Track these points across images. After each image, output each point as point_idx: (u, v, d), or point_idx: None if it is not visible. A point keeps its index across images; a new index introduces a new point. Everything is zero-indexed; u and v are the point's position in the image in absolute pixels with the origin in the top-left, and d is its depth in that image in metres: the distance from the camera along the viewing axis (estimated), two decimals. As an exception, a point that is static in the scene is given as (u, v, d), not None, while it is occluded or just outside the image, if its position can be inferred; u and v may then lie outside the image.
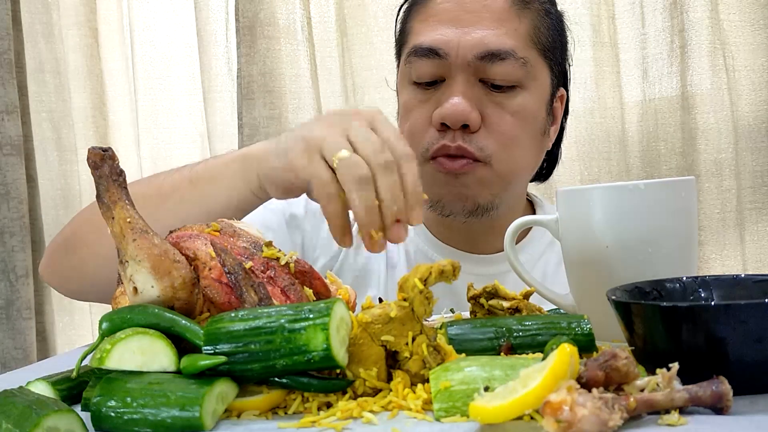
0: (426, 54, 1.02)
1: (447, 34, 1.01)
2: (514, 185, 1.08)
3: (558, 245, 0.78)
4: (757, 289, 0.63)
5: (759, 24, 1.73)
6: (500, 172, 1.03)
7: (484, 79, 1.02)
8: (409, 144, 1.06)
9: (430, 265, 0.58)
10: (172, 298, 0.60)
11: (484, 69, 1.01)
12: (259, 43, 1.75)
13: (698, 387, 0.48)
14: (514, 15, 1.03)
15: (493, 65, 1.01)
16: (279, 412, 0.55)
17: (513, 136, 1.03)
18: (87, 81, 1.89)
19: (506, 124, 1.02)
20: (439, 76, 1.03)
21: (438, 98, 1.03)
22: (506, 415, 0.46)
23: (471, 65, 1.01)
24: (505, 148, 1.03)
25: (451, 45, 1.01)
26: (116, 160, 0.61)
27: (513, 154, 1.04)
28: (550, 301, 0.78)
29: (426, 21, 1.04)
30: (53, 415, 0.48)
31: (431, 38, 1.02)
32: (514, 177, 1.07)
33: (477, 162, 1.02)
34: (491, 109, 1.02)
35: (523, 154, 1.06)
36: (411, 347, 0.57)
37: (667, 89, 1.75)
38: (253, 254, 0.65)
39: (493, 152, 1.02)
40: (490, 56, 1.00)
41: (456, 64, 1.01)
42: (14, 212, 1.70)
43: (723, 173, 1.73)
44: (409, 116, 1.06)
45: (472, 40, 1.00)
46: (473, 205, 1.05)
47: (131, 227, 0.60)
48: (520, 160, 1.06)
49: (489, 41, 1.00)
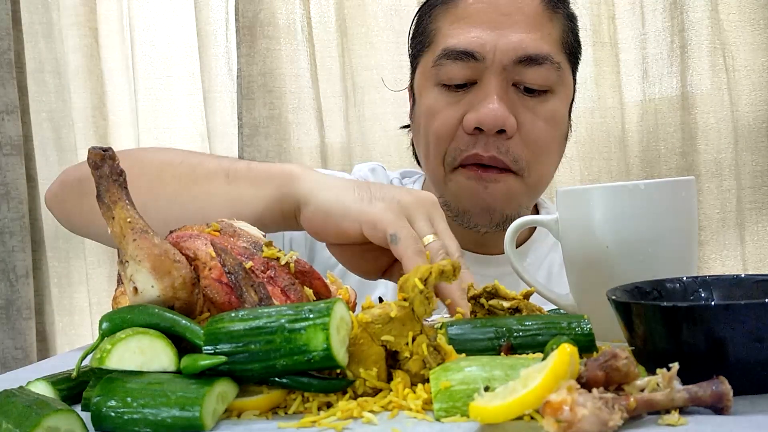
0: (460, 56, 1.00)
1: (483, 36, 0.99)
2: (538, 194, 1.08)
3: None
4: (757, 289, 0.63)
5: (759, 24, 1.73)
6: (531, 183, 1.02)
7: (516, 83, 1.00)
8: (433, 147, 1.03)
9: (430, 265, 0.58)
10: (172, 298, 0.60)
11: (519, 73, 0.99)
12: (259, 43, 1.75)
13: (698, 387, 0.48)
14: (547, 19, 1.02)
15: (529, 69, 0.99)
16: (279, 412, 0.55)
17: (546, 143, 1.02)
18: (87, 81, 1.89)
19: (540, 131, 1.01)
20: (471, 78, 1.01)
21: (469, 101, 1.00)
22: (506, 415, 0.46)
23: (507, 69, 0.99)
24: (538, 156, 1.02)
25: (488, 48, 0.98)
26: (116, 160, 0.61)
27: (544, 163, 1.03)
28: (550, 301, 0.78)
29: (457, 22, 1.02)
30: (53, 415, 0.48)
31: (466, 40, 0.99)
32: (541, 185, 1.06)
33: (508, 172, 1.00)
34: (525, 115, 1.00)
35: (552, 161, 1.06)
36: (411, 347, 0.57)
37: (667, 89, 1.75)
38: (253, 254, 0.65)
39: (526, 162, 1.00)
40: (528, 60, 0.99)
41: (492, 67, 0.99)
42: (14, 212, 1.70)
43: (723, 173, 1.73)
44: (435, 118, 1.03)
45: (509, 43, 0.98)
46: (501, 217, 1.03)
47: (131, 227, 0.60)
48: (549, 168, 1.06)
49: (527, 45, 0.98)
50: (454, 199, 1.04)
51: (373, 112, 1.79)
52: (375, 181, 1.12)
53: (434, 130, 1.03)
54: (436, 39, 1.04)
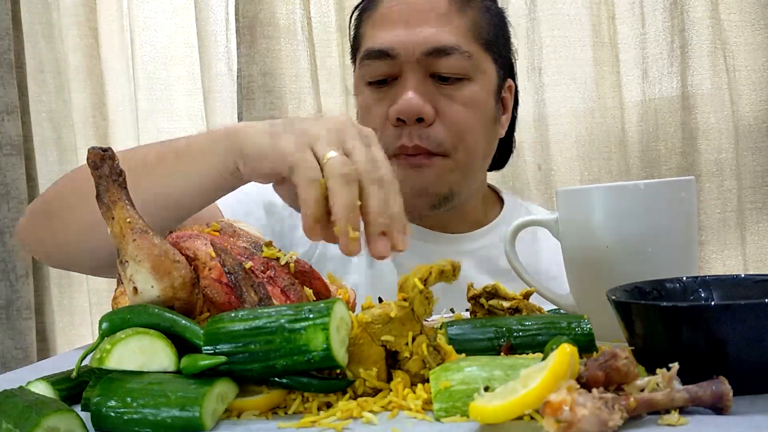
0: (378, 56, 1.09)
1: (396, 35, 1.08)
2: (472, 173, 1.15)
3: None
4: (757, 289, 0.63)
5: (759, 24, 1.73)
6: (458, 161, 1.10)
7: (433, 73, 1.08)
8: None
9: (430, 265, 0.58)
10: (172, 298, 0.60)
11: (432, 64, 1.08)
12: (259, 43, 1.75)
13: (698, 387, 0.48)
14: (455, 13, 1.10)
15: (440, 60, 1.07)
16: (279, 412, 0.55)
17: (466, 125, 1.10)
18: (87, 81, 1.89)
19: (458, 114, 1.09)
20: (391, 75, 1.09)
21: (393, 96, 1.09)
22: (506, 415, 0.46)
23: (420, 62, 1.07)
24: (460, 137, 1.09)
25: (401, 45, 1.07)
26: (116, 160, 0.61)
27: (469, 143, 1.11)
28: (550, 301, 0.78)
29: (376, 25, 1.12)
30: (53, 415, 0.48)
31: (382, 40, 1.09)
32: (471, 165, 1.13)
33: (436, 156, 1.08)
34: (443, 101, 1.09)
35: (477, 141, 1.13)
36: (411, 347, 0.57)
37: (667, 89, 1.75)
38: (253, 254, 0.65)
39: (449, 144, 1.09)
40: (436, 52, 1.07)
41: (406, 62, 1.08)
42: (14, 212, 1.70)
43: (723, 173, 1.73)
44: (367, 114, 1.12)
45: (419, 38, 1.07)
46: (435, 198, 1.11)
47: (131, 227, 0.60)
48: (475, 147, 1.13)
49: (435, 39, 1.07)
50: None
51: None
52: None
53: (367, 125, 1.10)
54: (362, 42, 1.15)
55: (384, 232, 0.68)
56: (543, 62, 1.76)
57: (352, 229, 0.66)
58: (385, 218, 0.68)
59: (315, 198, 0.68)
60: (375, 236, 0.67)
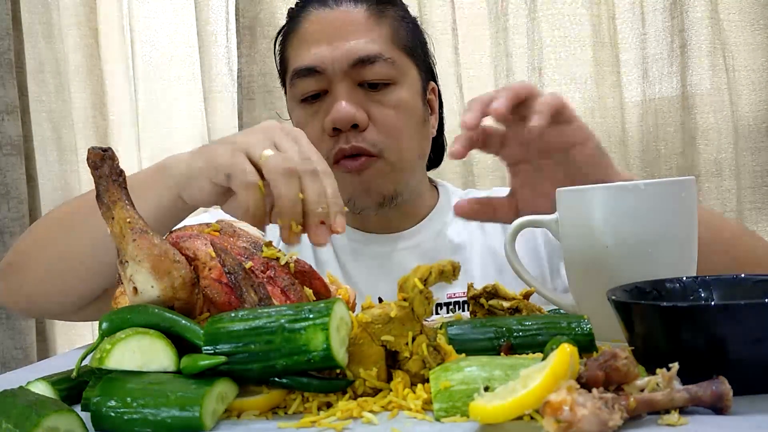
0: (306, 73, 1.14)
1: (320, 51, 1.13)
2: (410, 172, 1.19)
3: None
4: (757, 289, 0.63)
5: (759, 24, 1.73)
6: (394, 162, 1.15)
7: (361, 82, 1.14)
8: None
9: (430, 265, 0.58)
10: (172, 298, 0.60)
11: (359, 74, 1.13)
12: (259, 43, 1.75)
13: (698, 387, 0.48)
14: (373, 24, 1.16)
15: (365, 69, 1.13)
16: (279, 412, 0.55)
17: (398, 127, 1.14)
18: (87, 81, 1.89)
19: (390, 117, 1.14)
20: (321, 89, 1.14)
21: (326, 108, 1.14)
22: (506, 415, 0.46)
23: (348, 73, 1.13)
24: (393, 139, 1.14)
25: (326, 60, 1.12)
26: (116, 160, 0.61)
27: (401, 144, 1.15)
28: (550, 301, 0.78)
29: (300, 45, 1.17)
30: (53, 415, 0.48)
31: (309, 58, 1.14)
32: (407, 164, 1.18)
33: (372, 157, 1.13)
34: (374, 107, 1.14)
35: (409, 142, 1.17)
36: (411, 347, 0.57)
37: (667, 89, 1.75)
38: (253, 254, 0.65)
39: (384, 145, 1.13)
40: (361, 62, 1.12)
41: (334, 75, 1.13)
42: (14, 212, 1.70)
43: (723, 173, 1.73)
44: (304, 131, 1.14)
45: (342, 51, 1.12)
46: (379, 197, 1.16)
47: (131, 227, 0.60)
48: (408, 147, 1.17)
49: (358, 49, 1.13)
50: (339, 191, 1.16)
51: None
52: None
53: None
54: (288, 63, 1.20)
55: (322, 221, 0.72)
56: (543, 62, 1.76)
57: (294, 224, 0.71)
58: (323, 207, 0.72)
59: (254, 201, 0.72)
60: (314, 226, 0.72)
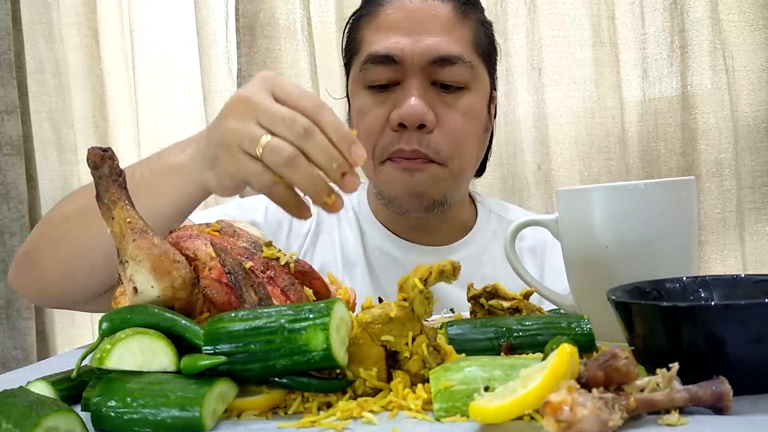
0: (382, 60, 1.10)
1: (401, 42, 1.09)
2: (463, 180, 1.17)
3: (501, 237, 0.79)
4: (757, 289, 0.63)
5: (759, 24, 1.73)
6: (453, 169, 1.11)
7: (435, 81, 1.10)
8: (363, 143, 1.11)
9: (430, 265, 0.58)
10: (172, 298, 0.60)
11: (436, 72, 1.09)
12: (259, 43, 1.75)
13: (698, 387, 0.48)
14: (458, 23, 1.12)
15: (444, 69, 1.09)
16: (279, 412, 0.55)
17: (463, 133, 1.11)
18: (87, 81, 1.89)
19: (457, 123, 1.10)
20: (393, 80, 1.10)
21: (393, 100, 1.10)
22: (506, 415, 0.46)
23: (424, 69, 1.09)
24: (458, 146, 1.11)
25: (406, 52, 1.08)
26: (116, 160, 0.61)
27: (464, 152, 1.12)
28: (550, 301, 0.79)
29: (378, 30, 1.12)
30: (53, 415, 0.48)
31: (386, 46, 1.09)
32: (464, 172, 1.15)
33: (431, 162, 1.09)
34: (443, 110, 1.10)
35: (472, 150, 1.15)
36: (411, 347, 0.57)
37: (667, 89, 1.75)
38: (253, 254, 0.65)
39: (446, 152, 1.10)
40: (441, 61, 1.09)
41: (410, 68, 1.09)
42: (14, 212, 1.70)
43: (723, 173, 1.73)
44: (364, 117, 1.13)
45: (424, 46, 1.08)
46: (428, 201, 1.12)
47: (131, 227, 0.60)
48: (470, 156, 1.15)
49: (440, 47, 1.09)
50: (385, 188, 1.14)
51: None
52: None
53: (364, 127, 1.12)
54: (361, 47, 1.15)
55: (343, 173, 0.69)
56: (543, 62, 1.76)
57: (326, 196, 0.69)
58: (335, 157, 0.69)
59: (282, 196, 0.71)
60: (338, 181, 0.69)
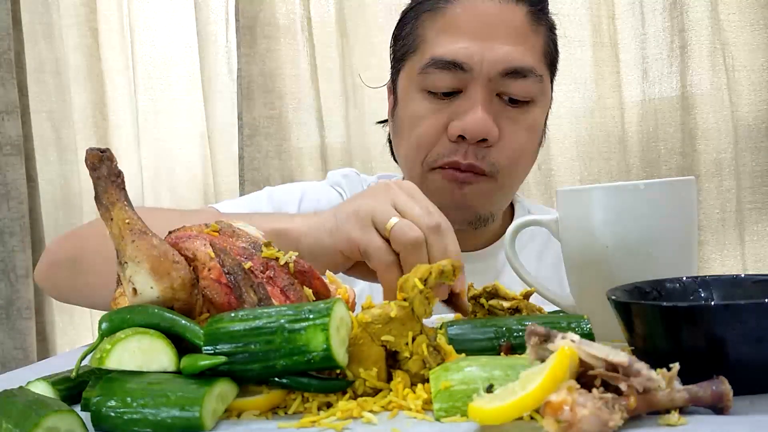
0: (447, 66, 1.01)
1: (470, 47, 1.00)
2: (512, 194, 1.11)
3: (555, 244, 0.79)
4: (757, 289, 0.63)
5: (759, 24, 1.73)
6: (505, 186, 1.05)
7: (501, 93, 1.02)
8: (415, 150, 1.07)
9: (430, 265, 0.58)
10: (172, 298, 0.60)
11: (504, 84, 1.01)
12: (259, 43, 1.75)
13: (698, 387, 0.48)
14: (531, 32, 1.03)
15: (514, 82, 1.01)
16: (279, 412, 0.55)
17: (523, 151, 1.05)
18: (87, 81, 1.89)
19: (520, 139, 1.03)
20: (456, 87, 1.02)
21: (454, 110, 1.02)
22: (504, 416, 0.46)
23: (492, 80, 1.01)
24: (515, 162, 1.04)
25: (475, 59, 1.00)
26: (114, 161, 0.61)
27: (518, 167, 1.06)
28: (550, 301, 0.78)
29: (445, 32, 1.03)
30: (53, 415, 0.48)
31: (454, 50, 1.01)
32: (514, 187, 1.09)
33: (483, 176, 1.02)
34: (507, 124, 1.02)
35: (526, 166, 1.09)
36: (411, 347, 0.57)
37: (667, 89, 1.75)
38: (252, 254, 0.65)
39: (503, 168, 1.03)
40: (513, 73, 1.00)
41: (478, 78, 1.00)
42: (14, 212, 1.70)
43: (723, 173, 1.73)
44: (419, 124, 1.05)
45: (497, 55, 1.00)
46: (473, 215, 1.06)
47: (130, 228, 0.59)
48: (523, 172, 1.09)
49: (513, 58, 1.00)
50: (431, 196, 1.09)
51: (373, 112, 1.79)
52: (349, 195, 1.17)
53: (418, 134, 1.05)
54: (422, 46, 1.06)
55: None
56: (543, 62, 1.76)
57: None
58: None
59: (394, 279, 0.70)
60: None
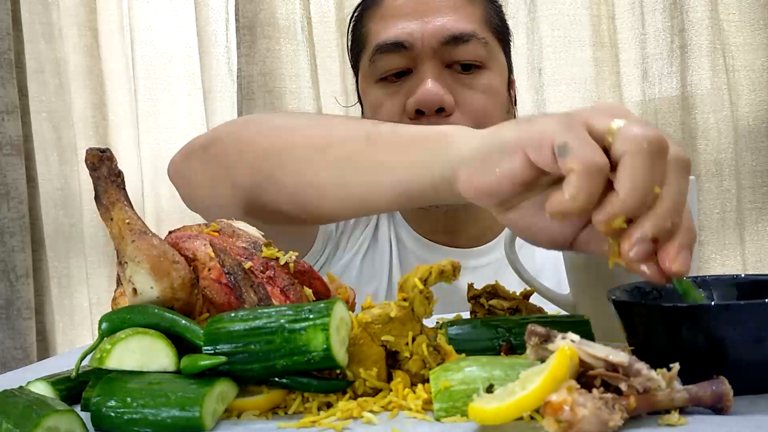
0: (391, 48, 1.04)
1: (409, 26, 1.04)
2: None
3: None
4: (757, 289, 0.63)
5: (759, 24, 1.73)
6: None
7: (450, 63, 1.05)
8: None
9: (430, 265, 0.58)
10: (172, 299, 0.60)
11: (449, 53, 1.04)
12: (259, 43, 1.75)
13: (698, 387, 0.48)
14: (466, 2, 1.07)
15: (458, 48, 1.04)
16: (279, 412, 0.55)
17: (486, 113, 1.06)
18: (87, 81, 1.89)
19: (478, 102, 1.05)
20: (406, 67, 1.05)
21: (408, 88, 1.04)
22: (504, 417, 0.46)
23: (437, 52, 1.04)
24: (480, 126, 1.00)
25: (415, 35, 1.03)
26: (114, 161, 0.61)
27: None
28: (550, 301, 0.78)
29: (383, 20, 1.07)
30: (53, 415, 0.48)
31: (394, 33, 1.04)
32: None
33: None
34: (462, 91, 1.05)
35: None
36: (411, 347, 0.57)
37: (667, 89, 1.75)
38: (252, 254, 0.65)
39: None
40: (454, 40, 1.03)
41: (423, 52, 1.03)
42: (14, 212, 1.70)
43: (723, 173, 1.73)
44: (379, 111, 1.08)
45: (434, 27, 1.03)
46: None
47: (130, 228, 0.60)
48: None
49: (451, 26, 1.04)
50: None
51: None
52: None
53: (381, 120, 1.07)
54: (368, 39, 1.10)
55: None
56: (543, 62, 1.76)
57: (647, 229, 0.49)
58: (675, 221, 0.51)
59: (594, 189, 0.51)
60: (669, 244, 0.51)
